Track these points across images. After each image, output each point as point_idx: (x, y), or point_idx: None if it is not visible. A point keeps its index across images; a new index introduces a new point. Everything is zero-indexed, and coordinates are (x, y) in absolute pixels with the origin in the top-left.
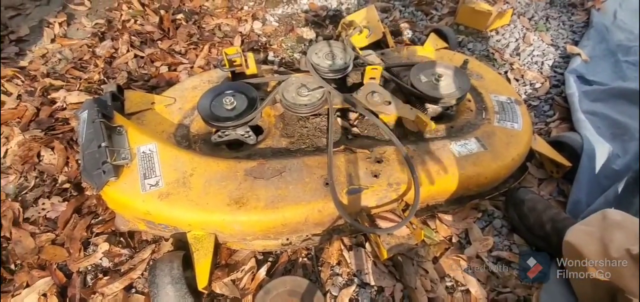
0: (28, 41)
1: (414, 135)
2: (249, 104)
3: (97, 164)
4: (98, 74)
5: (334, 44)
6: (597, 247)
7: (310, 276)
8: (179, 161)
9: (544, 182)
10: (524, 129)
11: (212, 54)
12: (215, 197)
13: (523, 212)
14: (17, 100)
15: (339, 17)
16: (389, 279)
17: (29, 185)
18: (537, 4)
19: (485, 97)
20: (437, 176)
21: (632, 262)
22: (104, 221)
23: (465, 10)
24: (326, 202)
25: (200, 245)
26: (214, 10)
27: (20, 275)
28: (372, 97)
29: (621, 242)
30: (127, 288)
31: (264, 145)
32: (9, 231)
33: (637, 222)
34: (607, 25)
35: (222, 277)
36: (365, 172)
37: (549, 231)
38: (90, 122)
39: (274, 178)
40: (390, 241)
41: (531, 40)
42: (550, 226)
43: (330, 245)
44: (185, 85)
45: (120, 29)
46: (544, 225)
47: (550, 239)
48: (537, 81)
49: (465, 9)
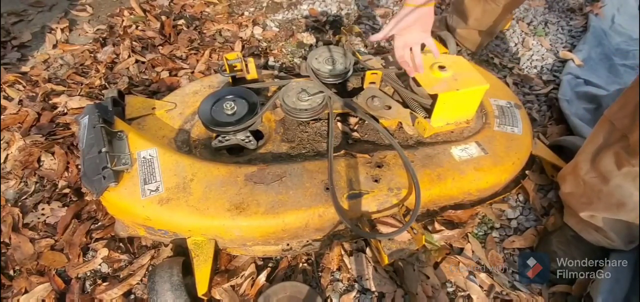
0: (30, 47)
1: (414, 139)
2: (249, 109)
3: (98, 170)
4: (99, 79)
5: (334, 49)
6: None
7: (310, 282)
8: (180, 166)
9: (544, 187)
10: (524, 133)
11: (213, 59)
12: (215, 202)
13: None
14: (19, 105)
15: (339, 23)
16: (390, 285)
17: (29, 190)
18: (536, 9)
19: (485, 102)
20: (437, 181)
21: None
22: (103, 227)
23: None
24: (327, 207)
25: (200, 251)
26: (214, 15)
27: (19, 281)
28: (372, 101)
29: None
30: (126, 294)
31: (264, 150)
32: (8, 237)
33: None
34: (605, 29)
35: (221, 283)
36: (366, 177)
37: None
38: (91, 127)
39: (275, 183)
40: (391, 246)
41: (530, 44)
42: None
43: (330, 250)
44: (186, 90)
45: (122, 34)
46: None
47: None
48: (537, 85)
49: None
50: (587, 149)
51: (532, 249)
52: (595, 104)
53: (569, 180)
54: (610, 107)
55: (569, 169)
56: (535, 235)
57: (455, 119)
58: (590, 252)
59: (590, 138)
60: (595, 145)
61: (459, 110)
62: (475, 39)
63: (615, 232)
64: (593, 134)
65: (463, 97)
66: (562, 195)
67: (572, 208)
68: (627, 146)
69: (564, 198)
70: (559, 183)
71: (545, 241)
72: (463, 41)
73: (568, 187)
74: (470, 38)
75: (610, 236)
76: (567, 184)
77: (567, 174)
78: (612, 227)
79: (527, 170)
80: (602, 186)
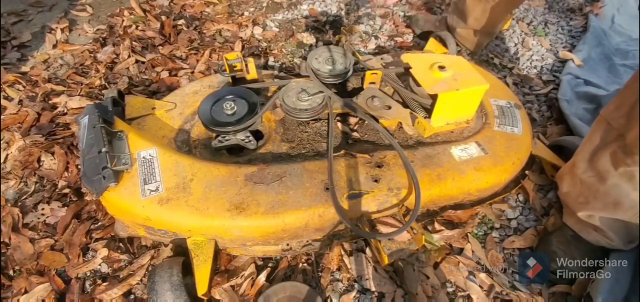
0: (30, 47)
1: (414, 139)
2: (249, 109)
3: (98, 170)
4: (99, 79)
5: (334, 49)
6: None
7: (310, 282)
8: (179, 166)
9: (544, 187)
10: (524, 133)
11: (213, 59)
12: (215, 202)
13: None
14: (18, 105)
15: (339, 23)
16: (390, 285)
17: (29, 190)
18: (536, 9)
19: (485, 102)
20: (437, 181)
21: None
22: (103, 227)
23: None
24: (327, 207)
25: (200, 251)
26: (214, 15)
27: (19, 281)
28: (372, 101)
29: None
30: (126, 294)
31: (264, 150)
32: (8, 237)
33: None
34: (605, 29)
35: (221, 283)
36: (366, 177)
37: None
38: (91, 127)
39: (275, 183)
40: (391, 246)
41: (530, 45)
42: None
43: (330, 250)
44: (185, 90)
45: (122, 34)
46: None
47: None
48: (536, 85)
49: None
50: (585, 148)
51: (532, 249)
52: (595, 104)
53: (566, 180)
54: (607, 107)
55: (567, 169)
56: (535, 235)
57: (455, 119)
58: (590, 252)
59: (588, 138)
60: (592, 145)
61: (459, 111)
62: (475, 39)
63: (614, 232)
64: (590, 133)
65: (463, 97)
66: (560, 195)
67: (570, 208)
68: (624, 146)
69: (562, 198)
70: (558, 183)
71: (545, 241)
72: (463, 41)
73: (566, 186)
74: (470, 38)
75: (609, 235)
76: (565, 184)
77: (565, 173)
78: (611, 226)
79: (527, 170)
80: (599, 186)
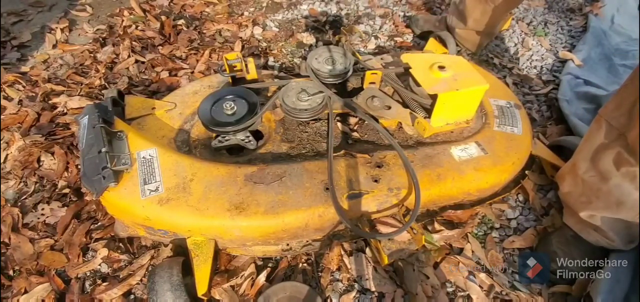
0: (30, 47)
1: (414, 139)
2: (249, 109)
3: (97, 170)
4: (99, 79)
5: (334, 49)
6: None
7: (310, 282)
8: (179, 166)
9: (544, 187)
10: (524, 133)
11: (213, 59)
12: (215, 202)
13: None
14: (18, 105)
15: (339, 23)
16: (390, 285)
17: (29, 190)
18: (536, 9)
19: (485, 102)
20: (437, 181)
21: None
22: (103, 227)
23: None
24: (326, 207)
25: (200, 251)
26: (214, 16)
27: (19, 281)
28: (372, 101)
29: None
30: (126, 294)
31: (264, 150)
32: (8, 237)
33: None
34: (605, 29)
35: (221, 283)
36: (366, 177)
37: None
38: (91, 127)
39: (274, 183)
40: (391, 246)
41: (530, 45)
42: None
43: (330, 250)
44: (185, 90)
45: (122, 34)
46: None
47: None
48: (536, 85)
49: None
50: (585, 148)
51: (532, 249)
52: (595, 104)
53: (567, 180)
54: (605, 106)
55: (567, 169)
56: (535, 235)
57: (455, 119)
58: (590, 252)
59: (587, 137)
60: (593, 145)
61: (458, 111)
62: (475, 39)
63: (614, 232)
64: (589, 133)
65: (463, 97)
66: (561, 195)
67: (571, 208)
68: (626, 145)
69: (563, 198)
70: (558, 183)
71: (545, 241)
72: (463, 41)
73: (567, 186)
74: (470, 38)
75: (610, 235)
76: (566, 184)
77: (565, 173)
78: (612, 226)
79: (527, 170)
80: (601, 185)
